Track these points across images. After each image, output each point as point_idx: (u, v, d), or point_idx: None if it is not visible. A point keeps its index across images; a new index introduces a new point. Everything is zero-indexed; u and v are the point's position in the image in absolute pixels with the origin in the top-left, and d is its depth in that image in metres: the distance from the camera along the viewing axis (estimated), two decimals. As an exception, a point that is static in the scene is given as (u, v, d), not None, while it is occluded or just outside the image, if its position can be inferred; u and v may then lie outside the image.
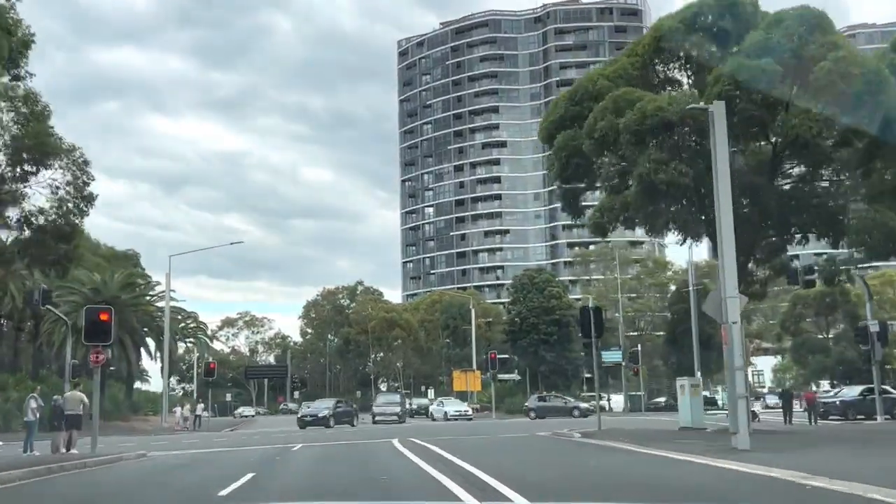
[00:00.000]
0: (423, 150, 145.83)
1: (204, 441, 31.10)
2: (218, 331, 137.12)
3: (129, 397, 54.89)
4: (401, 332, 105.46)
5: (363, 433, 32.89)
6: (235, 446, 25.77)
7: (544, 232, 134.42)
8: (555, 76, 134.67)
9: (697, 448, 17.14)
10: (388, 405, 49.86)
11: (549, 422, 43.20)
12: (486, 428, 34.07)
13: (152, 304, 53.93)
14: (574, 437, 22.90)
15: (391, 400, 51.95)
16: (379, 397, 55.26)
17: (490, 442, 23.44)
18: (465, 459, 15.85)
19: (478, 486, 11.04)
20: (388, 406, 49.61)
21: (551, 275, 61.75)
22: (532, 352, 57.58)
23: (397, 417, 47.30)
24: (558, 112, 24.98)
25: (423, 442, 22.65)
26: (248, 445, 25.87)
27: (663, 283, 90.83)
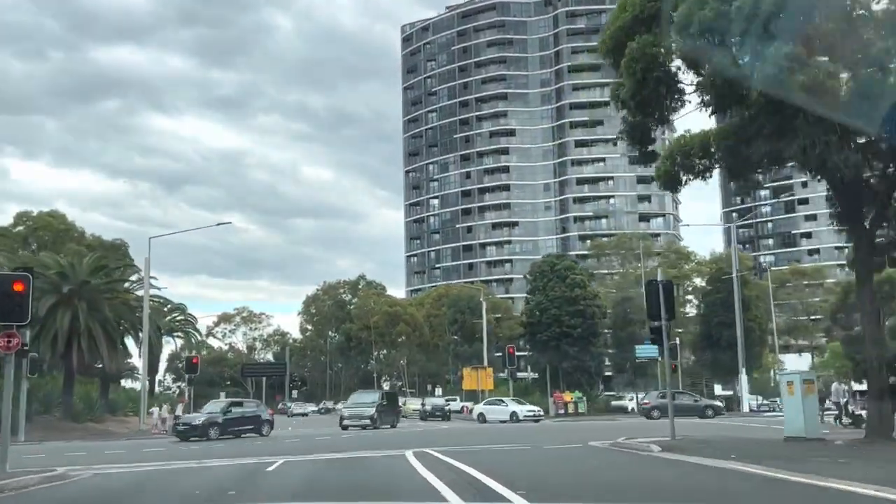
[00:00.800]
0: (428, 139, 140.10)
1: (173, 449, 25.44)
2: (214, 327, 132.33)
3: (105, 396, 49.15)
4: (405, 328, 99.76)
5: (379, 440, 27.16)
6: (207, 458, 20.11)
7: (555, 224, 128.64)
8: (566, 61, 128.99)
9: (874, 473, 11.47)
10: (358, 406, 39.86)
11: (618, 425, 37.40)
12: (531, 434, 28.31)
13: (130, 291, 48.18)
14: (652, 451, 17.16)
15: (363, 400, 41.33)
16: (352, 396, 45.05)
17: (542, 457, 17.73)
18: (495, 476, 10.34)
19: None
20: (357, 407, 39.72)
21: (573, 261, 56.09)
22: (553, 346, 51.84)
23: (370, 422, 38.00)
24: (631, 11, 19.06)
25: (445, 457, 16.99)
26: (221, 458, 20.22)
27: (686, 274, 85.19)
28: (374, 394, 44.36)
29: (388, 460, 17.26)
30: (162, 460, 19.92)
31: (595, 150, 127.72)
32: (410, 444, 22.76)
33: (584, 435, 25.62)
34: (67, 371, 41.79)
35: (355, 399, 42.64)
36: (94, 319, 41.19)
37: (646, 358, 46.29)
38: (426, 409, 55.20)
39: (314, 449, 22.48)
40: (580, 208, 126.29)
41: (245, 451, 22.96)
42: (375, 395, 42.88)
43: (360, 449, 21.83)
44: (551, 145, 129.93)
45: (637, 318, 56.49)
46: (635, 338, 55.38)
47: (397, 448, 21.19)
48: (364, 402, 40.88)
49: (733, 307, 54.53)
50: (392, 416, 41.47)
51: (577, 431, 29.39)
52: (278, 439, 30.44)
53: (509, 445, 21.38)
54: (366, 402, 40.78)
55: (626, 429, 30.10)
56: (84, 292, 41.56)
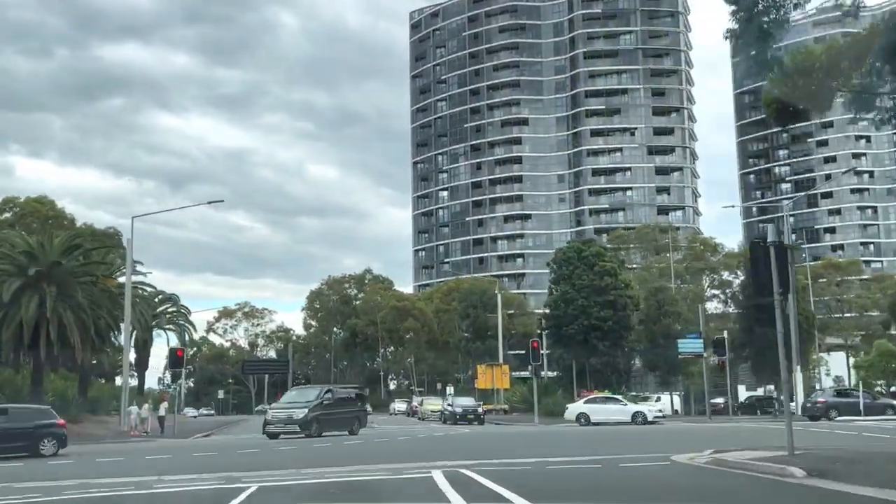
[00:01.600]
0: (437, 129, 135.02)
1: (135, 458, 20.47)
2: (215, 322, 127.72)
3: (84, 394, 44.20)
4: (413, 324, 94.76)
5: (370, 451, 22.14)
6: (165, 474, 15.15)
7: (569, 217, 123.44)
8: (581, 47, 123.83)
9: None
10: (287, 408, 30.91)
11: (683, 430, 32.36)
12: (589, 442, 23.27)
13: (111, 277, 43.19)
14: (791, 476, 12.03)
15: (297, 399, 32.19)
16: (286, 394, 36.41)
17: (623, 484, 12.68)
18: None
19: None
20: (286, 409, 30.78)
21: (602, 247, 50.97)
22: (580, 341, 46.69)
23: (300, 428, 29.42)
24: None
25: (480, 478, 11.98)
26: (181, 473, 15.27)
27: (713, 267, 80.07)
28: (313, 390, 33.98)
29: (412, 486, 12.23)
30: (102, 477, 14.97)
31: (612, 140, 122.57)
32: (439, 454, 17.71)
33: (654, 445, 20.60)
34: (35, 364, 36.87)
35: (288, 397, 33.78)
36: (65, 306, 36.23)
37: (690, 354, 41.24)
38: (454, 411, 45.48)
39: (315, 461, 17.44)
40: (596, 200, 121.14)
41: (215, 465, 18.01)
42: (313, 392, 32.60)
43: (373, 461, 16.79)
44: (566, 135, 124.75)
45: (671, 311, 51.55)
46: (670, 333, 50.37)
47: (420, 460, 16.19)
48: (297, 401, 31.49)
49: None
50: (344, 419, 31.78)
51: (641, 440, 24.32)
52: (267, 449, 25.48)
53: (568, 460, 16.33)
54: (298, 401, 31.33)
55: (700, 436, 25.01)
56: (54, 275, 36.64)
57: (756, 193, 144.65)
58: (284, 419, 29.93)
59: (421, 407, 56.31)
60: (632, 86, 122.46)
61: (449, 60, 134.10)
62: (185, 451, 23.74)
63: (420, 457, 17.72)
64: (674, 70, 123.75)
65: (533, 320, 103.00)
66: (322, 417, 30.45)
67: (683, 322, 51.37)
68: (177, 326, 63.39)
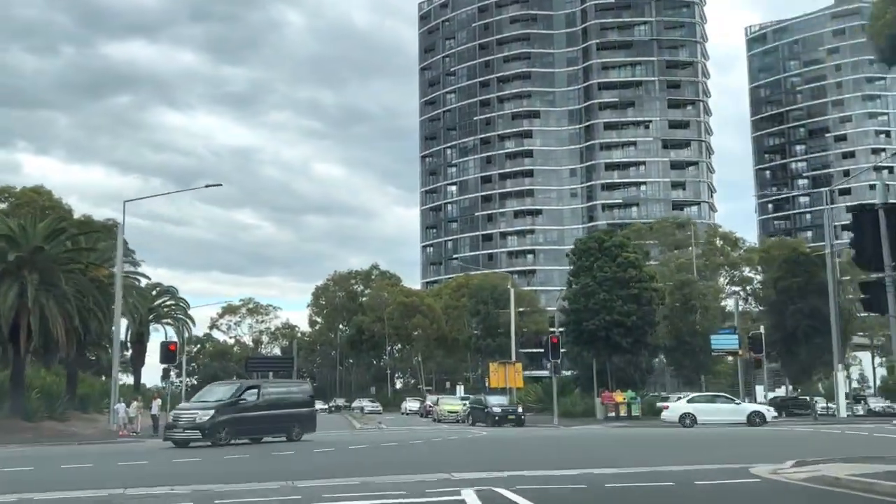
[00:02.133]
0: (446, 122, 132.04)
1: (106, 464, 17.64)
2: (219, 319, 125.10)
3: (73, 390, 41.36)
4: (421, 320, 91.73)
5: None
6: (132, 487, 12.36)
7: (581, 212, 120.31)
8: (594, 38, 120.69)
9: None
10: (191, 409, 25.38)
11: (736, 434, 29.33)
12: (642, 446, 20.38)
13: (102, 266, 40.35)
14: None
15: (204, 399, 26.55)
16: (198, 393, 30.34)
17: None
18: None
19: None
20: (190, 410, 25.17)
21: (626, 238, 47.96)
22: (602, 337, 43.65)
23: (200, 433, 23.99)
24: None
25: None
26: (152, 485, 12.44)
27: (734, 262, 76.90)
28: (227, 387, 27.78)
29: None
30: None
31: (625, 134, 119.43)
32: (484, 464, 14.76)
33: (719, 453, 17.65)
34: (15, 359, 34.08)
35: (199, 395, 28.17)
36: (48, 296, 33.40)
37: (724, 350, 38.20)
38: (492, 412, 39.89)
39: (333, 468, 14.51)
40: (609, 196, 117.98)
41: (195, 475, 15.17)
42: (226, 390, 26.67)
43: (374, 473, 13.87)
44: (578, 128, 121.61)
45: (698, 306, 48.51)
46: (697, 329, 47.39)
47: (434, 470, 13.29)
48: (205, 400, 26.06)
49: (813, 294, 46.37)
50: (276, 423, 26.15)
51: (700, 446, 21.33)
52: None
53: (625, 473, 13.41)
54: (207, 400, 25.84)
55: (763, 443, 22.00)
56: (37, 262, 33.80)
57: (772, 190, 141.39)
58: (185, 423, 24.22)
59: (436, 407, 50.45)
60: (646, 78, 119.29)
61: (458, 52, 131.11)
62: (167, 455, 20.85)
63: (465, 466, 14.78)
64: (689, 62, 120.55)
65: (545, 318, 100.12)
66: (236, 420, 24.66)
67: (711, 318, 48.41)
68: (175, 321, 60.45)
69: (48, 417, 37.11)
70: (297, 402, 27.66)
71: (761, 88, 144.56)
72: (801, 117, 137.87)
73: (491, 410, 40.16)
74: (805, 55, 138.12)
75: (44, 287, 33.59)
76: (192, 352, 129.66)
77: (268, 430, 26.31)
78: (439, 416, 47.39)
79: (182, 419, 24.54)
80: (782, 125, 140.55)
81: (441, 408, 48.65)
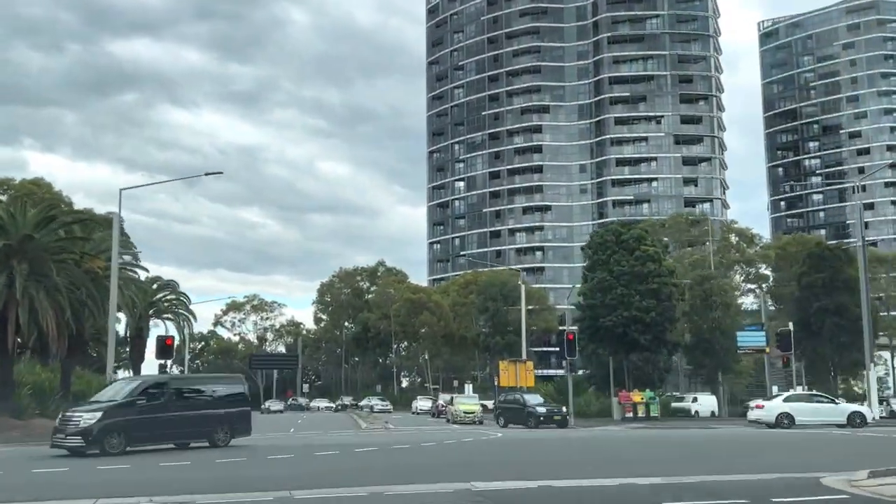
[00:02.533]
0: (454, 117, 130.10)
1: (20, 470, 15.85)
2: (223, 315, 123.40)
3: (66, 387, 39.52)
4: (429, 317, 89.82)
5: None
6: (37, 500, 10.57)
7: (591, 208, 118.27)
8: (605, 31, 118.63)
9: None
10: (78, 411, 20.89)
11: (777, 438, 27.46)
12: (692, 449, 18.53)
13: (98, 258, 38.51)
14: None
15: (98, 399, 22.86)
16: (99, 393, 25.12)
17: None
18: None
19: None
20: (77, 412, 20.71)
21: (644, 231, 45.97)
22: (619, 334, 41.64)
23: (82, 441, 19.79)
24: None
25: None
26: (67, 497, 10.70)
27: (750, 259, 74.77)
28: (124, 384, 23.54)
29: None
30: None
31: (636, 129, 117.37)
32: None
33: (774, 458, 15.74)
34: (2, 353, 32.27)
35: (99, 394, 24.01)
36: (38, 286, 31.60)
37: (751, 348, 36.23)
38: (534, 412, 36.55)
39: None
40: (619, 192, 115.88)
41: (120, 483, 13.32)
42: (122, 387, 22.70)
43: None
44: (588, 123, 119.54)
45: (719, 302, 46.49)
46: (718, 326, 45.39)
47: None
48: (97, 400, 22.48)
49: (839, 290, 44.37)
50: (192, 426, 22.06)
51: (746, 450, 19.43)
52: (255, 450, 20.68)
53: (697, 482, 11.55)
54: (99, 401, 22.11)
55: (816, 448, 20.09)
56: (26, 251, 31.99)
57: (784, 187, 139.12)
58: (70, 428, 20.13)
59: (451, 406, 45.14)
60: (658, 72, 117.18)
61: (467, 46, 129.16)
62: (154, 458, 18.99)
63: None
64: (702, 56, 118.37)
65: (554, 316, 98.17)
66: (135, 424, 20.57)
67: (732, 315, 46.43)
68: (176, 316, 58.60)
69: (39, 415, 35.36)
70: (224, 400, 23.09)
71: (774, 84, 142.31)
72: (814, 114, 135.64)
73: (534, 410, 36.64)
74: (819, 51, 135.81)
75: (34, 278, 31.81)
76: (197, 349, 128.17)
77: (182, 435, 22.10)
78: (454, 416, 42.57)
79: (70, 423, 20.33)
80: (795, 122, 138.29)
81: (456, 408, 43.73)
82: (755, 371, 53.89)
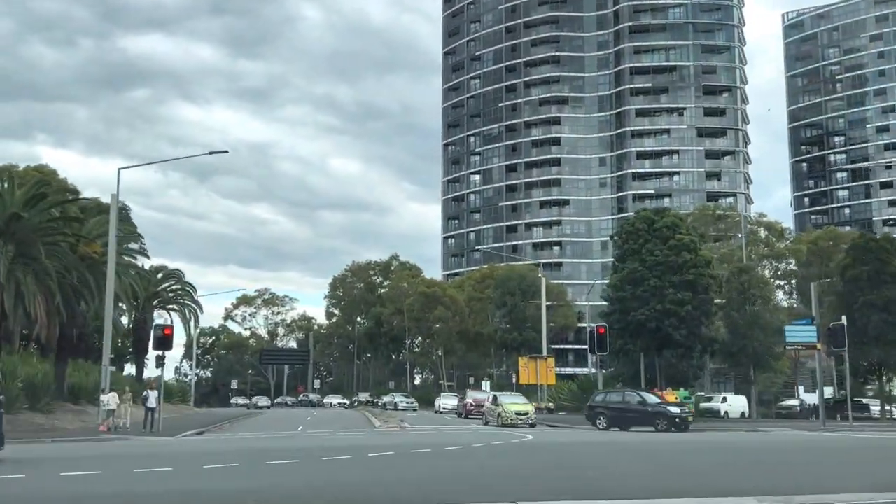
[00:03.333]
0: (470, 108, 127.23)
1: (34, 483, 13.13)
2: (233, 309, 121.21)
3: (61, 380, 37.09)
4: (443, 312, 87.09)
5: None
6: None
7: (610, 202, 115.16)
8: (626, 21, 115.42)
9: None
10: None
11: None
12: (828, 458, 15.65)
13: (95, 242, 35.98)
14: None
15: None
16: None
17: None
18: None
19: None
20: None
21: (679, 217, 43.02)
22: (652, 328, 38.71)
23: None
24: None
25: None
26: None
27: (781, 253, 71.62)
28: None
29: None
30: None
31: (658, 121, 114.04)
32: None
33: (792, 467, 12.91)
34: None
35: None
36: (26, 269, 29.13)
37: (798, 343, 33.27)
38: (670, 413, 31.77)
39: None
40: (640, 185, 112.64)
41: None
42: None
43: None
44: (608, 115, 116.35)
45: (758, 295, 43.51)
46: (757, 321, 42.44)
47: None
48: None
49: (886, 283, 41.32)
50: None
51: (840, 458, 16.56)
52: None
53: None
54: None
55: (850, 455, 17.21)
56: (14, 231, 29.53)
57: (808, 182, 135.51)
58: None
59: (494, 406, 37.12)
60: (681, 63, 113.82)
61: (484, 36, 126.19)
62: (129, 463, 16.29)
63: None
64: (726, 46, 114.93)
65: (573, 312, 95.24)
66: None
67: (772, 309, 43.44)
68: (181, 307, 56.13)
69: (29, 409, 32.91)
70: None
71: (798, 78, 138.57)
72: (840, 107, 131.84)
73: (665, 411, 31.61)
74: (845, 43, 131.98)
75: (21, 260, 29.41)
76: (207, 343, 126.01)
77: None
78: (507, 419, 34.77)
79: None
80: (820, 116, 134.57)
81: (507, 408, 35.57)
82: (789, 370, 50.82)
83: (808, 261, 70.29)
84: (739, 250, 68.49)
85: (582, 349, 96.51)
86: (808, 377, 70.37)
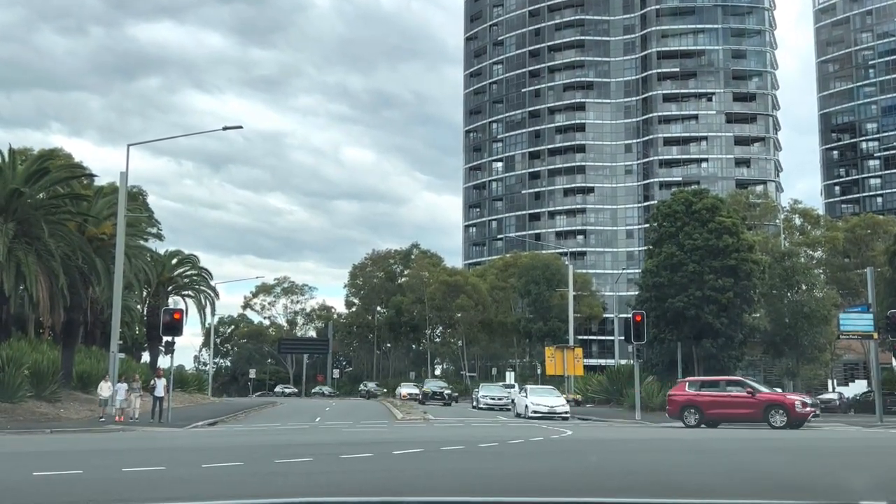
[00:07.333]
0: (492, 94, 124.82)
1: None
2: (252, 298, 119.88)
3: (69, 367, 35.39)
4: (465, 301, 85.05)
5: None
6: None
7: (636, 190, 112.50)
8: (653, 4, 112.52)
9: None
10: None
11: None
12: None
13: (105, 222, 34.24)
14: None
15: None
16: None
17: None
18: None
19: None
20: None
21: (719, 199, 40.63)
22: (692, 317, 36.45)
23: None
24: None
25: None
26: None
27: (816, 241, 68.88)
28: None
29: None
30: None
31: (686, 107, 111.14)
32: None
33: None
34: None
35: None
36: (27, 250, 27.39)
37: (856, 332, 30.89)
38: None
39: None
40: (667, 173, 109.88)
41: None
42: None
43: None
44: (634, 101, 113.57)
45: (802, 282, 41.14)
46: (802, 311, 40.12)
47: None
48: None
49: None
50: None
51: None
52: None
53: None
54: None
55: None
56: (15, 208, 27.79)
57: (839, 171, 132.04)
58: None
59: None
60: (709, 47, 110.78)
61: (507, 20, 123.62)
62: (116, 458, 14.38)
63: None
64: (757, 30, 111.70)
65: (598, 302, 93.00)
66: None
67: (817, 298, 41.04)
68: (196, 293, 54.47)
69: (33, 397, 31.26)
70: None
71: (829, 63, 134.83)
72: (872, 94, 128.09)
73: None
74: (878, 27, 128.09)
75: (22, 239, 27.66)
76: (226, 332, 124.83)
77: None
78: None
79: None
80: (852, 102, 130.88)
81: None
82: (831, 363, 48.30)
83: (845, 249, 67.64)
84: (774, 238, 65.84)
85: (607, 340, 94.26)
86: (841, 370, 67.79)
